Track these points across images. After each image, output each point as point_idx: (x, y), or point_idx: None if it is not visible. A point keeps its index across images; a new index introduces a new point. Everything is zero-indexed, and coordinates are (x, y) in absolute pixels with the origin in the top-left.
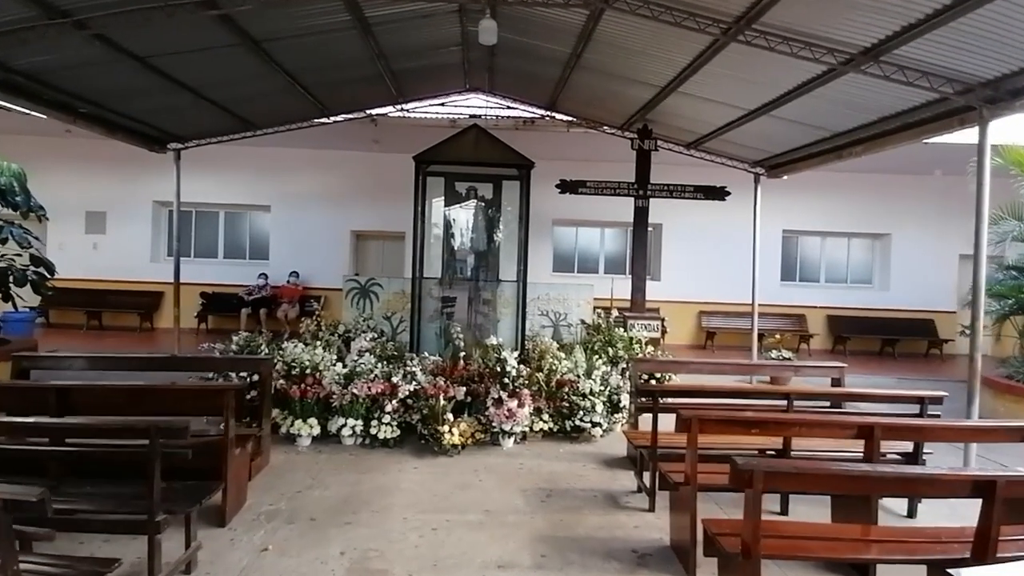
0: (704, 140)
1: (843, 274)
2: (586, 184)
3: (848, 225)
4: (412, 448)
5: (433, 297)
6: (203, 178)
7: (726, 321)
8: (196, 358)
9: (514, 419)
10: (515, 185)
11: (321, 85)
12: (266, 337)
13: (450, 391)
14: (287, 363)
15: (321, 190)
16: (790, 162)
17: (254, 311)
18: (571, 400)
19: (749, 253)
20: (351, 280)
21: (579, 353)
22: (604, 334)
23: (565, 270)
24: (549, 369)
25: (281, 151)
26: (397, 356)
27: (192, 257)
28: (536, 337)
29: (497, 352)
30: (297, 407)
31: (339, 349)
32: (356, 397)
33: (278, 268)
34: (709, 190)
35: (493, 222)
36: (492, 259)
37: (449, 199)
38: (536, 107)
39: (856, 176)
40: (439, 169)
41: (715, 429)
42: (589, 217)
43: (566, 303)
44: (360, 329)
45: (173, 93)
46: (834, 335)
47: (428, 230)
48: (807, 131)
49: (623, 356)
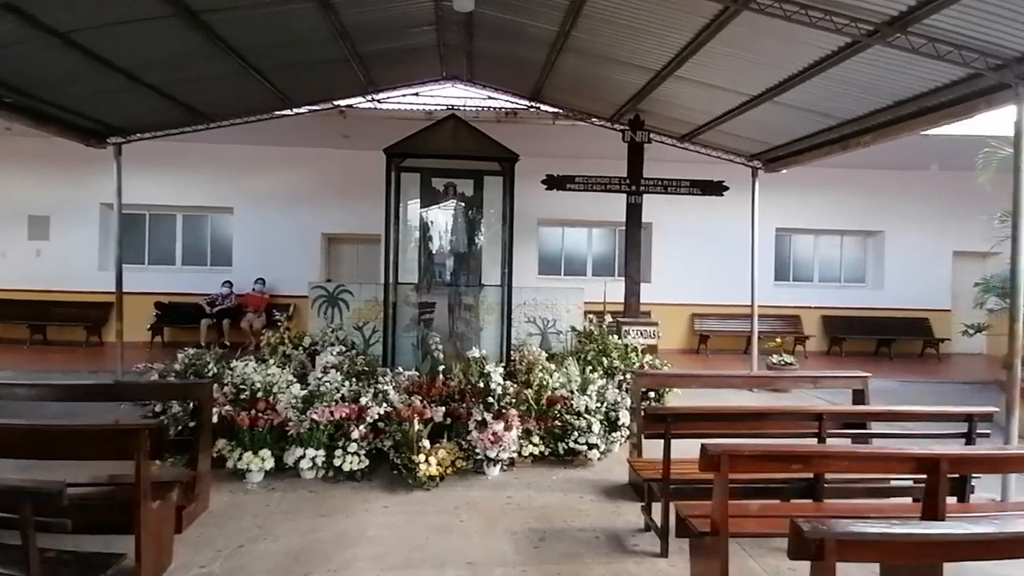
0: (699, 132)
1: (836, 273)
2: (575, 180)
3: (841, 222)
4: (383, 480)
5: (409, 304)
6: (158, 178)
7: (720, 324)
8: (116, 385)
9: (500, 444)
10: (497, 182)
11: (279, 70)
12: (214, 354)
13: (427, 413)
14: (236, 385)
15: (288, 190)
16: (791, 155)
17: (216, 322)
18: (564, 419)
19: (743, 253)
20: (317, 287)
21: (572, 366)
22: (597, 342)
23: (551, 273)
24: (539, 384)
25: (244, 148)
26: (368, 372)
27: (146, 264)
28: (523, 346)
29: (480, 366)
30: (246, 437)
31: (302, 365)
32: (316, 424)
33: (242, 275)
34: (706, 185)
35: (474, 222)
36: (474, 262)
37: (425, 197)
38: (519, 97)
39: (849, 172)
40: (414, 164)
41: (748, 466)
42: (576, 216)
43: (554, 308)
44: (328, 341)
45: (103, 76)
46: (829, 336)
47: (405, 231)
48: (812, 119)
49: (619, 366)
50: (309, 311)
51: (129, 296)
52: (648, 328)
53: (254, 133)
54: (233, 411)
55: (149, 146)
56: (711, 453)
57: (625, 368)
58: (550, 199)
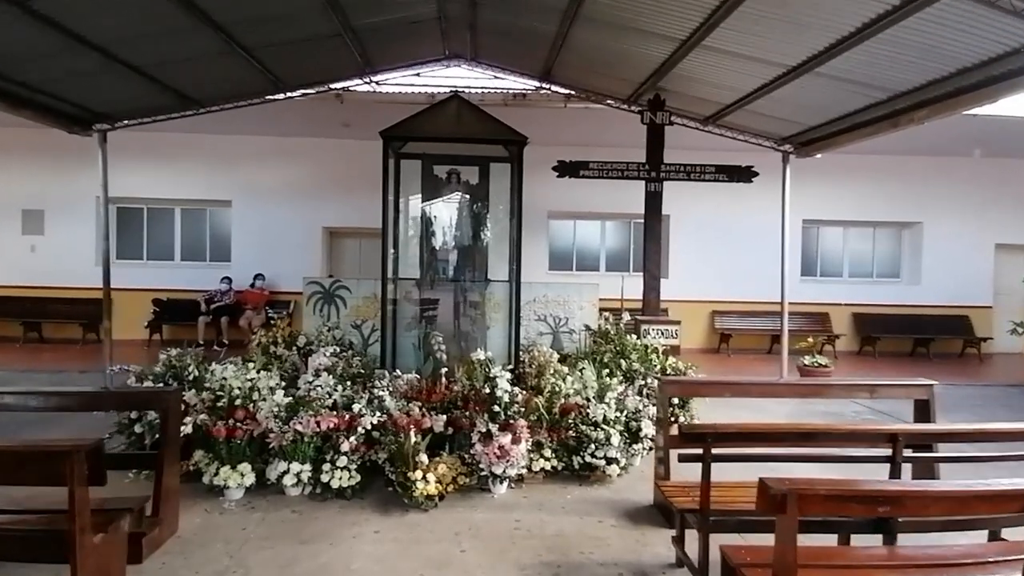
0: (726, 112)
1: (868, 268)
2: (588, 166)
3: (873, 213)
4: (377, 499)
5: (410, 302)
6: (155, 170)
7: (742, 322)
8: (66, 394)
9: (508, 460)
10: (505, 169)
11: (268, 48)
12: (195, 356)
13: (426, 422)
14: (213, 391)
15: (288, 182)
16: (829, 136)
17: (214, 320)
18: (579, 430)
19: (766, 245)
20: (313, 283)
21: (588, 370)
22: (614, 343)
23: (562, 268)
24: (551, 391)
25: (241, 139)
26: (364, 374)
27: (145, 260)
28: (533, 347)
29: (486, 369)
30: (222, 450)
31: (295, 366)
32: (301, 436)
33: (241, 271)
34: (734, 171)
35: (480, 213)
36: (479, 256)
37: (427, 186)
38: (528, 77)
39: (882, 159)
40: (414, 150)
41: (821, 508)
42: (588, 208)
43: (567, 306)
44: (323, 341)
45: (76, 53)
46: (861, 335)
47: (406, 223)
48: (859, 93)
49: (639, 369)
50: (304, 308)
51: (127, 292)
52: (669, 327)
53: (252, 123)
54: (209, 420)
55: (146, 137)
56: (775, 492)
57: (645, 371)
58: (561, 190)
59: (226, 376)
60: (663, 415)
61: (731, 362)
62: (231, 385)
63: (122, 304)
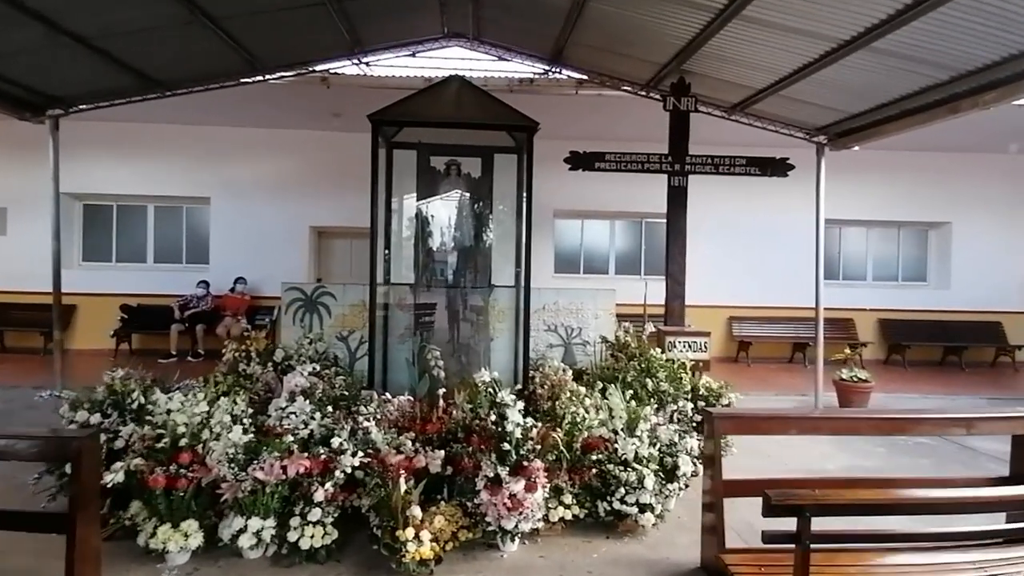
0: (757, 98)
1: (893, 270)
2: (605, 157)
3: (899, 213)
4: (357, 561)
5: (403, 310)
6: (125, 164)
7: (762, 328)
8: None
9: (521, 511)
10: (511, 161)
11: (238, 19)
12: (139, 381)
13: (419, 461)
14: (156, 426)
15: (272, 178)
16: (871, 125)
17: (189, 327)
18: (605, 470)
19: (788, 247)
20: (292, 288)
21: (616, 396)
22: (639, 358)
23: (569, 271)
24: (571, 422)
25: (221, 131)
26: (349, 396)
27: (114, 262)
28: (542, 362)
29: (491, 393)
30: (161, 504)
31: (268, 387)
32: (261, 485)
33: (221, 274)
34: (768, 164)
35: (482, 209)
36: (481, 258)
37: (423, 179)
38: (536, 60)
39: (910, 155)
40: (408, 139)
41: None
42: (597, 207)
43: (580, 314)
44: (304, 356)
45: (13, 23)
46: (888, 343)
47: (399, 220)
48: (915, 72)
49: (668, 391)
50: (282, 317)
51: (95, 298)
52: (698, 339)
53: (232, 113)
54: (145, 466)
55: (115, 128)
56: None
57: (675, 393)
58: (568, 187)
59: (171, 408)
60: (714, 455)
61: (752, 373)
62: (174, 421)
63: (89, 310)
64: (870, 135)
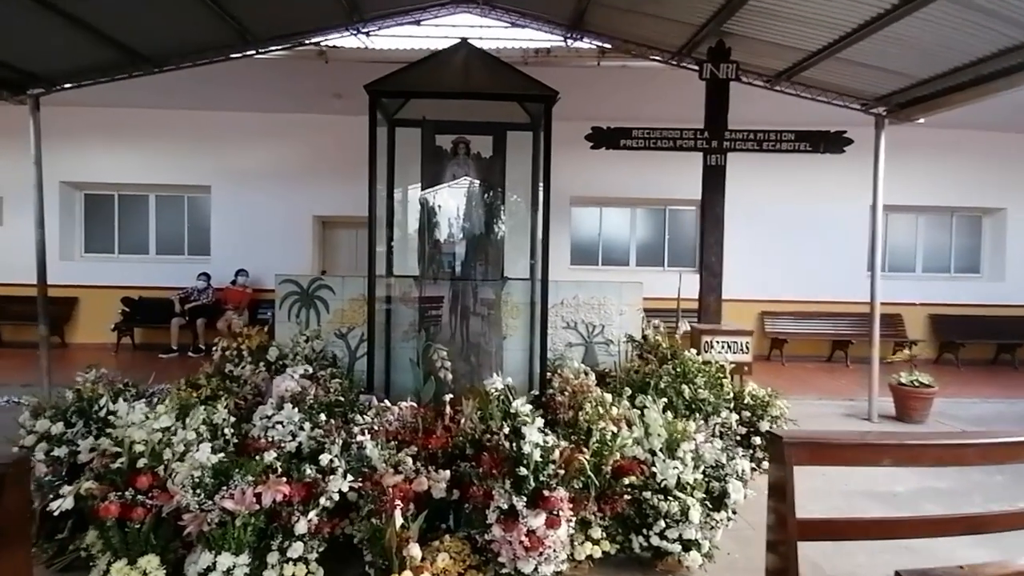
0: (808, 63)
1: (944, 261)
2: (631, 134)
3: (951, 198)
4: None
5: (407, 305)
6: (125, 151)
7: (797, 324)
8: None
9: (541, 551)
10: (526, 139)
11: None
12: (108, 386)
13: (420, 483)
14: (116, 441)
15: (273, 165)
16: (943, 92)
17: (190, 321)
18: (641, 498)
19: (826, 236)
20: (287, 281)
21: (654, 410)
22: (673, 360)
23: (586, 262)
24: (599, 440)
25: (220, 116)
26: (344, 403)
27: (116, 254)
28: (560, 362)
29: (504, 405)
30: (114, 537)
31: (256, 391)
32: (231, 516)
33: (223, 265)
34: (821, 138)
35: (494, 193)
36: (493, 248)
37: (427, 160)
38: (554, 26)
39: (962, 134)
40: (411, 116)
41: None
42: (617, 193)
43: (603, 310)
44: (298, 355)
45: None
46: (939, 340)
47: (403, 206)
48: (997, 31)
49: (707, 399)
50: (277, 312)
51: (97, 290)
52: (738, 339)
53: (231, 97)
54: (98, 489)
55: (114, 114)
56: None
57: (715, 402)
58: (586, 173)
59: (132, 420)
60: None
61: (788, 373)
62: (130, 438)
63: (91, 303)
64: (937, 105)
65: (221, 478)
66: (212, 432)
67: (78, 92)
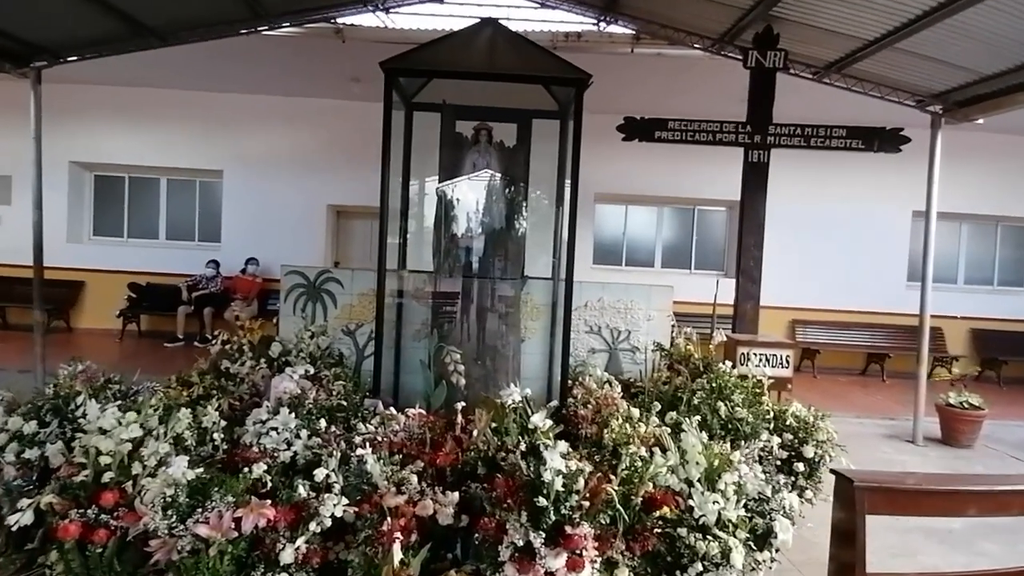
0: (862, 53)
1: (988, 273)
2: (667, 125)
3: (997, 205)
4: None
5: (420, 302)
6: (137, 133)
7: (830, 335)
8: None
9: None
10: (552, 129)
11: None
12: (85, 384)
13: (424, 507)
14: (85, 450)
15: (287, 151)
16: (1007, 90)
17: (197, 309)
18: (675, 535)
19: (863, 242)
20: (293, 272)
21: (691, 434)
22: (708, 374)
23: (609, 263)
24: (629, 466)
25: (234, 98)
26: (348, 407)
27: (126, 238)
28: (582, 370)
29: (520, 418)
30: (74, 561)
31: (254, 389)
32: (204, 544)
33: (233, 253)
34: (874, 135)
35: (517, 185)
36: (513, 244)
37: (447, 147)
38: (587, 8)
39: (1008, 138)
40: (430, 99)
41: None
42: (643, 191)
43: (629, 314)
44: (304, 351)
45: None
46: (980, 357)
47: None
48: None
49: (746, 418)
50: (281, 306)
51: (105, 275)
52: (779, 352)
53: (245, 79)
54: (58, 505)
55: (123, 95)
56: None
57: (754, 423)
58: (612, 169)
59: (102, 426)
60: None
61: (820, 386)
62: (94, 448)
63: (98, 287)
64: (1000, 104)
65: (198, 497)
66: (200, 436)
67: (90, 70)
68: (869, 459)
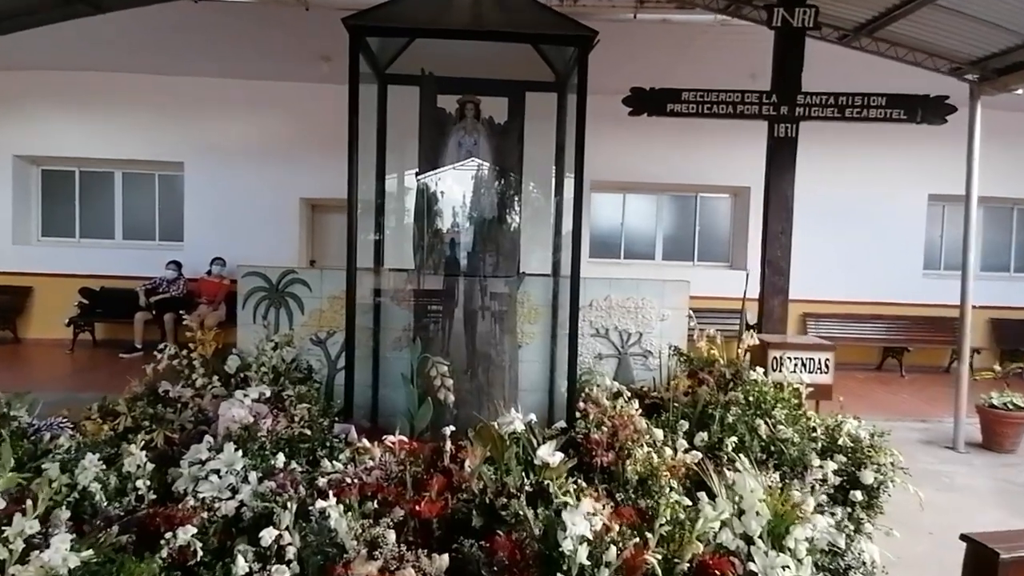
0: (898, 13)
1: (1004, 259)
2: (681, 97)
3: (1014, 188)
4: None
5: (400, 306)
6: (87, 122)
7: (844, 328)
8: None
9: None
10: (548, 102)
11: None
12: None
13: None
14: None
15: (254, 140)
16: None
17: (157, 316)
18: None
19: (878, 229)
20: (252, 274)
21: (749, 477)
22: (743, 384)
23: (606, 255)
24: (670, 520)
25: (194, 82)
26: (312, 437)
27: (77, 238)
28: (588, 377)
29: (523, 450)
30: None
31: (201, 416)
32: None
33: (198, 253)
34: (918, 103)
35: (509, 169)
36: (506, 238)
37: (427, 126)
38: None
39: (1018, 116)
40: (406, 69)
41: None
42: (642, 178)
43: (640, 314)
44: (265, 364)
45: None
46: (1000, 348)
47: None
48: None
49: (791, 439)
50: (239, 312)
51: (54, 279)
52: (817, 356)
53: (201, 60)
54: None
55: (70, 80)
56: None
57: (801, 444)
58: (608, 154)
59: None
60: None
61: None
62: None
63: (48, 294)
64: None
65: None
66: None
67: (33, 55)
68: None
